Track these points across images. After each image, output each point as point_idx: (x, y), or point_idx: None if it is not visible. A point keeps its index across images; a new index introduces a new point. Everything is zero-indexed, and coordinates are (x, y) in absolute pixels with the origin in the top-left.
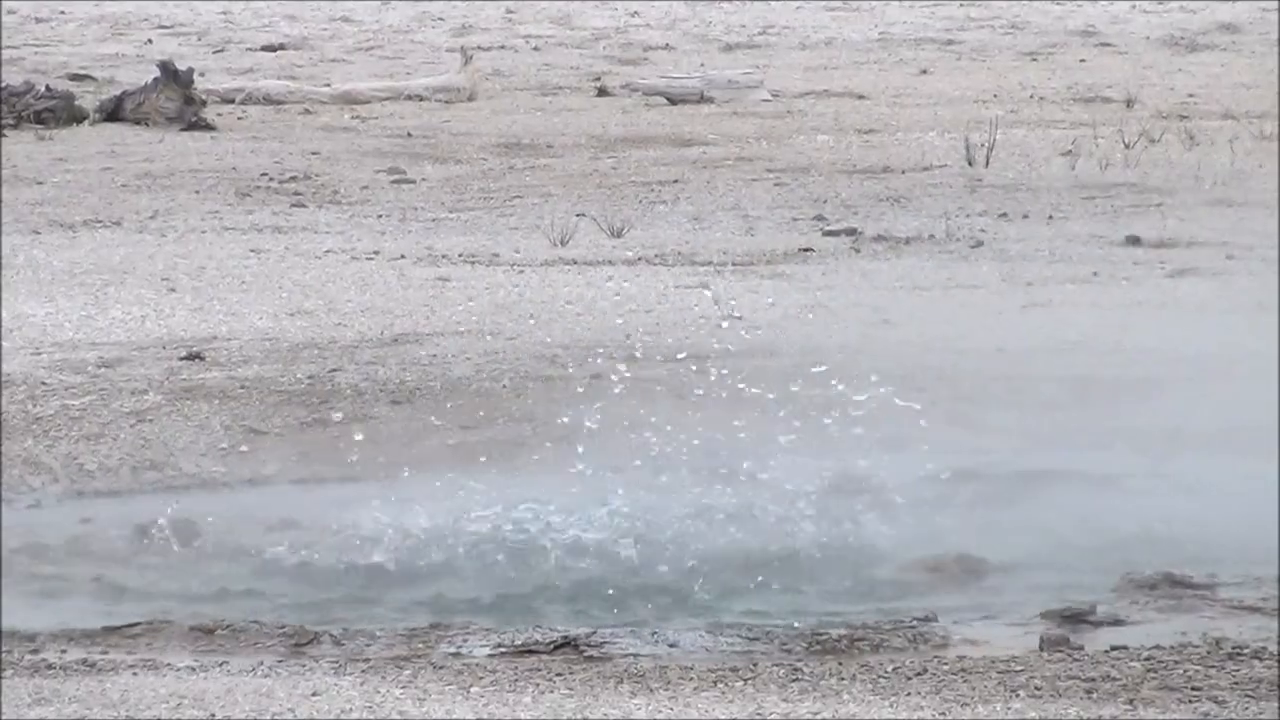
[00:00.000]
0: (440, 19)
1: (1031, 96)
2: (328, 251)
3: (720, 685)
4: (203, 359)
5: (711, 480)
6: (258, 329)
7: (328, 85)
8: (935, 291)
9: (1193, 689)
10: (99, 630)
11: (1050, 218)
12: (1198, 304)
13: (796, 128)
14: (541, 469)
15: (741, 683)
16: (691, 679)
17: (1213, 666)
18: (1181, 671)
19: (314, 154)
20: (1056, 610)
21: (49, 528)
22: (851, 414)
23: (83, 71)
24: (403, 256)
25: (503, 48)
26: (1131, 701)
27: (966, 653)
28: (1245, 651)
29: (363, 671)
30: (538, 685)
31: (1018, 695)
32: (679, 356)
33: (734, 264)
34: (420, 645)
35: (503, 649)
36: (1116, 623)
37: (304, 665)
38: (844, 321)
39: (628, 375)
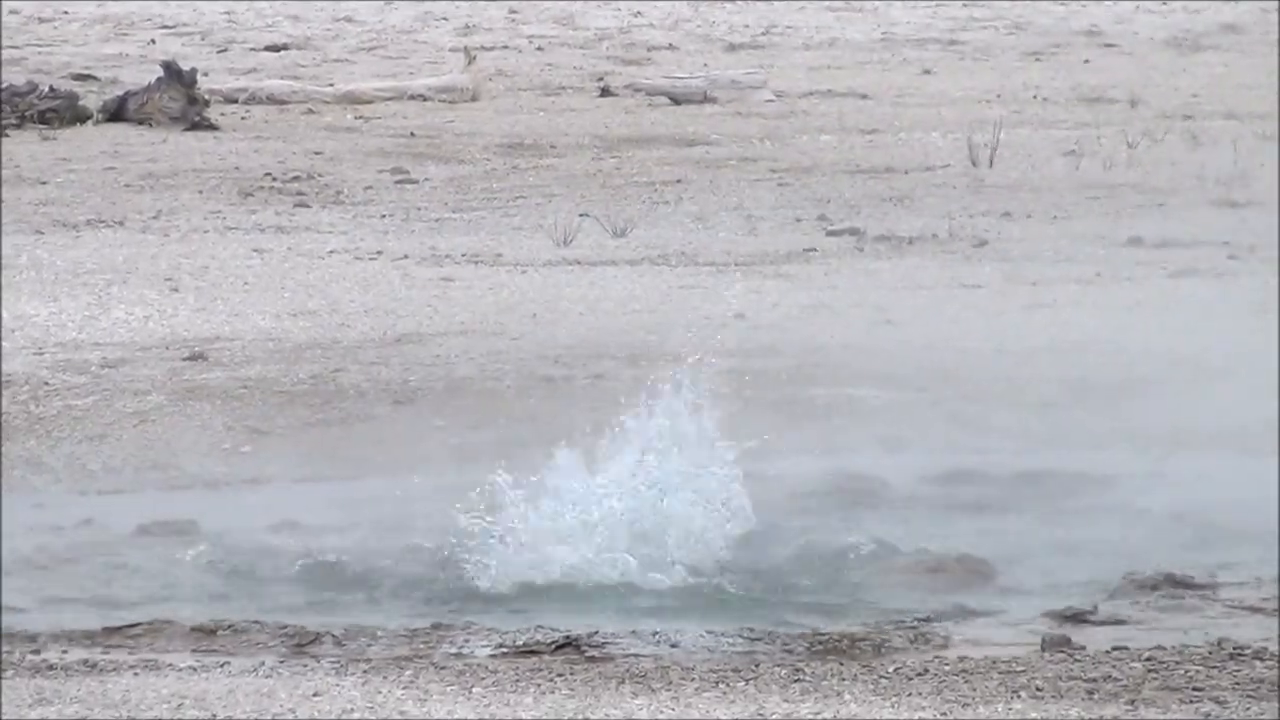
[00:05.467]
0: (443, 19)
1: (1035, 97)
2: (331, 252)
3: (722, 685)
4: (206, 359)
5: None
6: (261, 329)
7: (331, 85)
8: (938, 291)
9: (1194, 689)
10: (100, 630)
11: (1053, 218)
12: (1200, 304)
13: (800, 128)
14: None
15: (743, 683)
16: (693, 679)
17: (1214, 667)
18: (1183, 672)
19: (317, 154)
20: (1058, 610)
21: (52, 528)
22: (853, 413)
23: (86, 71)
24: (406, 257)
25: (506, 48)
26: (1133, 702)
27: (968, 653)
28: (1246, 652)
29: (364, 672)
30: (539, 685)
31: (1019, 696)
32: (680, 356)
33: (737, 264)
34: (422, 645)
35: (504, 649)
36: (1118, 623)
37: (305, 665)
38: (847, 321)
39: (630, 375)
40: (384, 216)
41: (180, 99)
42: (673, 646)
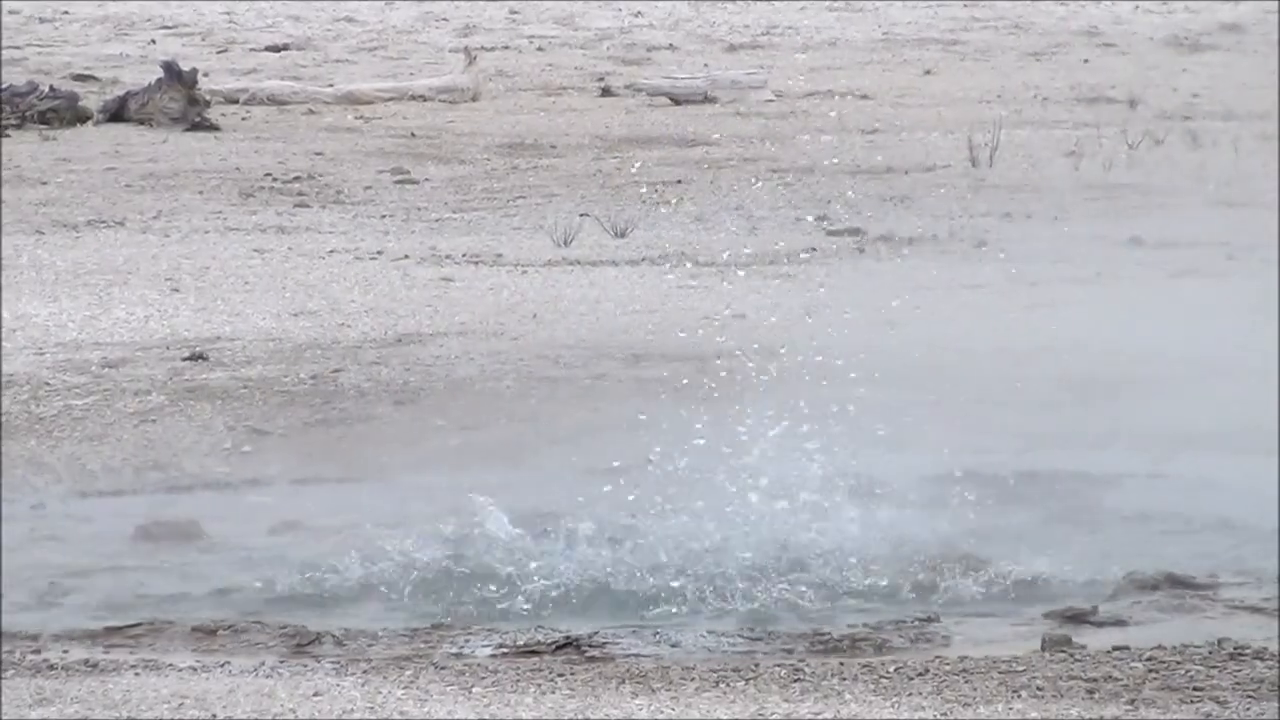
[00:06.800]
0: (444, 19)
1: (1035, 97)
2: (331, 252)
3: (722, 685)
4: (206, 359)
5: (713, 480)
6: (261, 329)
7: (331, 86)
8: (939, 291)
9: (1194, 689)
10: (101, 630)
11: (1054, 218)
12: (1199, 304)
13: (800, 128)
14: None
15: (743, 683)
16: (693, 679)
17: (1214, 667)
18: (1183, 672)
19: (318, 154)
20: (1058, 610)
21: (52, 528)
22: (854, 413)
23: (86, 72)
24: (406, 257)
25: (506, 48)
26: (1133, 702)
27: (968, 653)
28: (1247, 652)
29: (364, 672)
30: (539, 685)
31: (1020, 695)
32: (682, 357)
33: (737, 264)
34: (422, 645)
35: (504, 649)
36: (1118, 623)
37: (306, 665)
38: (847, 321)
39: (631, 376)
40: (384, 217)
41: (181, 99)
42: (673, 646)
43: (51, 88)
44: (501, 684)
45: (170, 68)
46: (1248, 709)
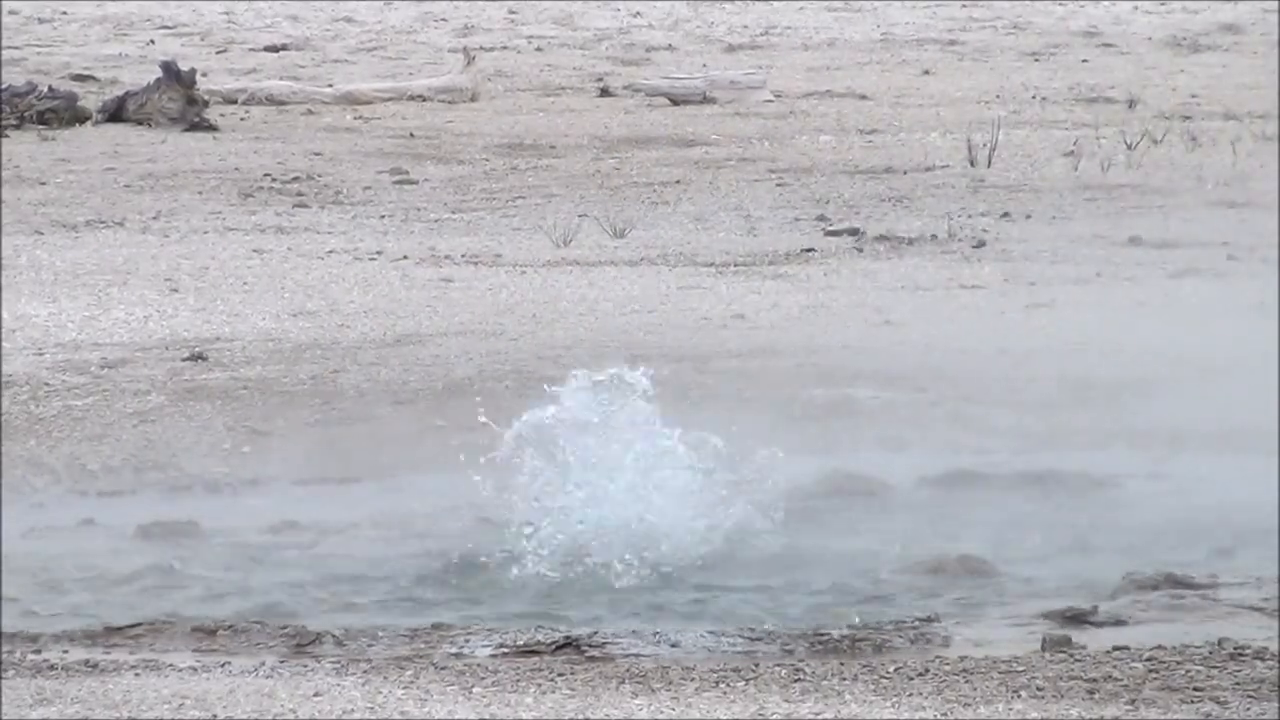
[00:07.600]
0: (443, 19)
1: (1034, 97)
2: (330, 252)
3: (722, 685)
4: (205, 360)
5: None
6: (260, 330)
7: (330, 86)
8: (937, 292)
9: (1194, 689)
10: (101, 630)
11: (1053, 218)
12: (1199, 304)
13: (799, 128)
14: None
15: (743, 683)
16: (693, 679)
17: (1215, 667)
18: (1183, 672)
19: (317, 154)
20: (1058, 611)
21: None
22: (853, 413)
23: (85, 72)
24: (405, 257)
25: (505, 48)
26: (1133, 702)
27: (968, 653)
28: (1247, 652)
29: (365, 672)
30: (539, 685)
31: (1020, 696)
32: (681, 357)
33: (736, 264)
34: (422, 645)
35: (504, 649)
36: (1118, 623)
37: (306, 666)
38: (846, 322)
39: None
40: (383, 217)
41: (179, 99)
42: (673, 646)
43: (50, 88)
44: (501, 684)
45: (169, 68)
46: (1248, 709)
